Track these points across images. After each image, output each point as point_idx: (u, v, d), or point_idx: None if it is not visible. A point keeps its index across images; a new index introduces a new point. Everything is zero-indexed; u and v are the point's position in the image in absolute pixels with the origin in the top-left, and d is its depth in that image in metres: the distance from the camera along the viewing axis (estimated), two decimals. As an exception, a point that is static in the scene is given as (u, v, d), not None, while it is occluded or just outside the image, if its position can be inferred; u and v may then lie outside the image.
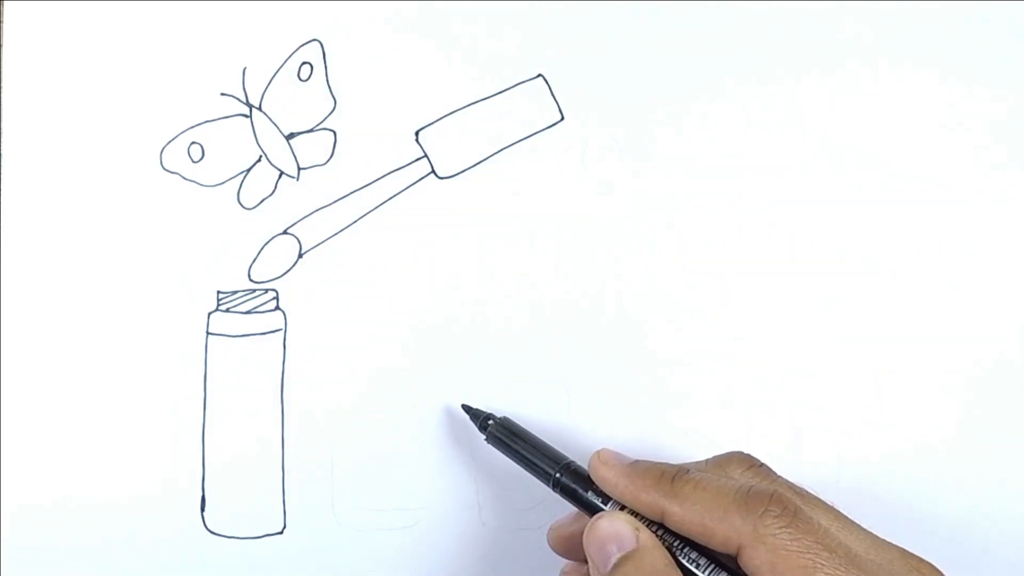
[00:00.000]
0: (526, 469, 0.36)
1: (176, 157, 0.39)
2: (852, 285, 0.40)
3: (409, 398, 0.40)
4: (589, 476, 0.34)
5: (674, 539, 0.31)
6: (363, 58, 0.39)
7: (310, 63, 0.39)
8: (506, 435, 0.37)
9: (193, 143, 0.39)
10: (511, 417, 0.37)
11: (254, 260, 0.39)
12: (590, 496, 0.33)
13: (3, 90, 0.39)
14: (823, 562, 0.29)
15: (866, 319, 0.39)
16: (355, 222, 0.40)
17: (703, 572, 0.31)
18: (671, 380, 0.39)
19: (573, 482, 0.34)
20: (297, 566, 0.40)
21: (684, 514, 0.31)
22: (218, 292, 0.39)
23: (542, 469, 0.35)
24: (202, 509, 0.39)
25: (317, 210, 0.40)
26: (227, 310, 0.39)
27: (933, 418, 0.39)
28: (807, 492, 0.33)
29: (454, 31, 0.39)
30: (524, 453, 0.36)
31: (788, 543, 0.29)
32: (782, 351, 0.39)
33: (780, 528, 0.29)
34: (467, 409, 0.38)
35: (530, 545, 0.40)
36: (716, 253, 0.40)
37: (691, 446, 0.39)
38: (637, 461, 0.33)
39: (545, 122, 0.40)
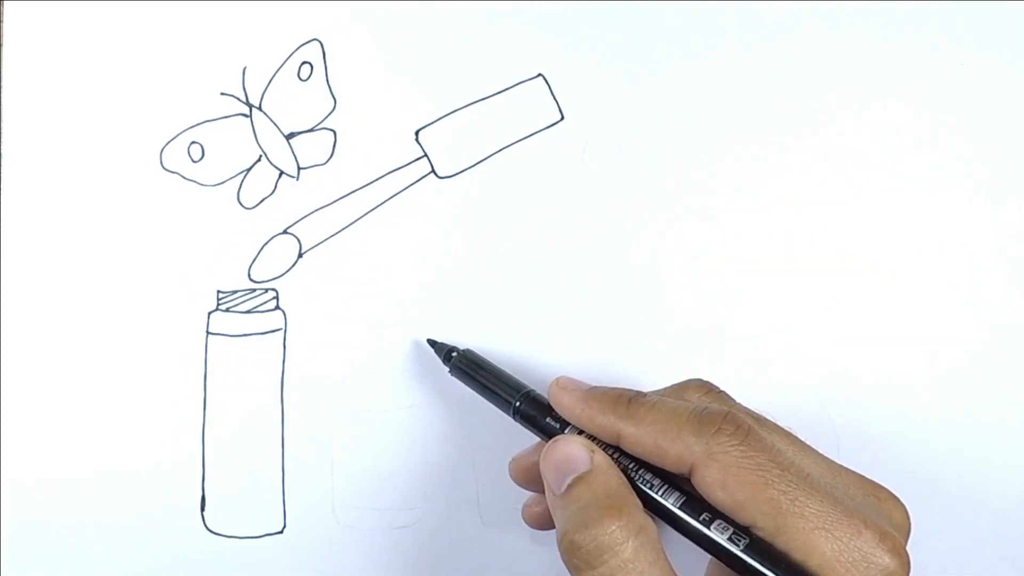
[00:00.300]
0: (488, 399, 0.36)
1: (176, 157, 0.39)
2: (852, 284, 0.40)
3: (409, 398, 0.40)
4: (549, 404, 0.34)
5: (629, 462, 0.31)
6: (363, 58, 0.39)
7: (310, 63, 0.39)
8: (469, 366, 0.37)
9: (193, 143, 0.39)
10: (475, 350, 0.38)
11: (254, 260, 0.39)
12: (548, 422, 0.34)
13: (3, 90, 0.39)
14: (774, 478, 0.29)
15: (866, 318, 0.39)
16: (355, 222, 0.40)
17: (657, 493, 0.31)
18: (671, 379, 0.39)
19: (532, 409, 0.34)
20: (297, 566, 0.40)
21: (638, 435, 0.31)
22: (218, 292, 0.39)
23: (503, 398, 0.35)
24: (202, 509, 0.39)
25: (317, 210, 0.40)
26: (227, 310, 0.39)
27: (932, 415, 0.39)
28: (766, 418, 0.33)
29: (454, 31, 0.39)
30: (486, 383, 0.36)
31: (739, 460, 0.29)
32: (782, 350, 0.39)
33: (732, 446, 0.30)
34: (432, 343, 0.38)
35: (530, 545, 0.40)
36: (716, 253, 0.40)
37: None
38: (595, 387, 0.33)
39: (545, 122, 0.40)
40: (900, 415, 0.39)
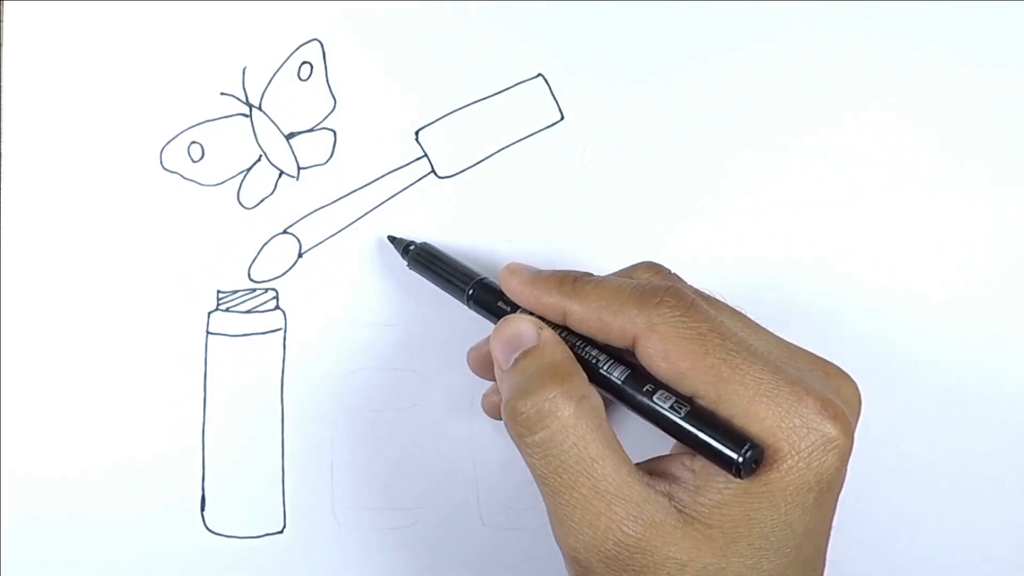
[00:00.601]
0: (444, 289, 0.37)
1: (176, 157, 0.39)
2: (852, 284, 0.40)
3: (409, 398, 0.40)
4: (501, 289, 0.34)
5: (577, 339, 0.32)
6: (363, 58, 0.39)
7: (310, 63, 0.39)
8: (425, 258, 0.37)
9: (193, 143, 0.39)
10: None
11: (254, 260, 0.39)
12: (500, 306, 0.34)
13: (3, 90, 0.39)
14: (714, 347, 0.29)
15: (866, 318, 0.39)
16: (355, 222, 0.40)
17: (602, 367, 0.31)
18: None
19: (485, 294, 0.35)
20: (297, 566, 0.40)
21: (583, 312, 0.31)
22: (218, 292, 0.39)
23: (457, 286, 0.36)
24: (202, 509, 0.39)
25: (317, 210, 0.40)
26: (227, 310, 0.39)
27: (933, 415, 0.39)
28: (715, 297, 0.33)
29: (454, 31, 0.39)
30: (441, 273, 0.37)
31: (680, 330, 0.29)
32: (782, 351, 0.39)
33: (673, 316, 0.30)
34: (391, 239, 0.39)
35: (530, 545, 0.40)
36: (716, 253, 0.40)
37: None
38: (544, 269, 0.34)
39: (545, 122, 0.40)
40: (900, 415, 0.39)
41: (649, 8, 0.39)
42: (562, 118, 0.40)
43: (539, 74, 0.40)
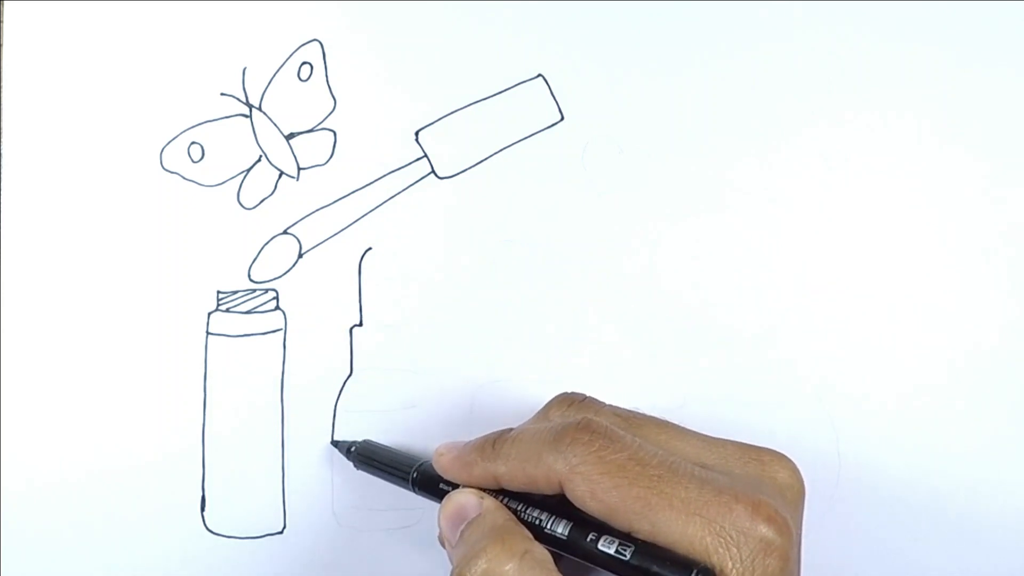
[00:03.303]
0: (392, 482, 0.37)
1: (176, 157, 0.39)
2: (853, 284, 0.40)
3: (409, 398, 0.40)
4: None
5: (517, 504, 0.32)
6: (363, 58, 0.39)
7: (310, 63, 0.39)
8: (367, 455, 0.38)
9: (193, 143, 0.39)
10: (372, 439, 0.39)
11: (254, 260, 0.39)
12: (441, 487, 0.34)
13: (3, 90, 0.39)
14: (635, 476, 0.29)
15: (866, 318, 0.39)
16: (355, 222, 0.40)
17: (546, 525, 0.31)
18: (671, 380, 0.39)
19: (426, 479, 0.35)
20: (297, 566, 0.40)
21: (509, 471, 0.32)
22: (218, 292, 0.39)
23: (400, 476, 0.37)
24: (202, 509, 0.39)
25: (317, 210, 0.40)
26: (227, 310, 0.39)
27: (933, 415, 0.39)
28: (634, 412, 0.33)
29: (454, 31, 0.39)
30: (383, 468, 0.37)
31: (599, 467, 0.29)
32: (782, 350, 0.39)
33: (590, 454, 0.30)
34: (335, 444, 0.39)
35: (530, 545, 0.40)
36: (716, 253, 0.40)
37: (691, 446, 0.39)
38: (470, 440, 0.34)
39: (545, 122, 0.40)
40: (901, 415, 0.39)
41: (649, 8, 0.39)
42: (562, 118, 0.40)
43: (539, 74, 0.40)
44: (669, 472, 0.29)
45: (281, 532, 0.40)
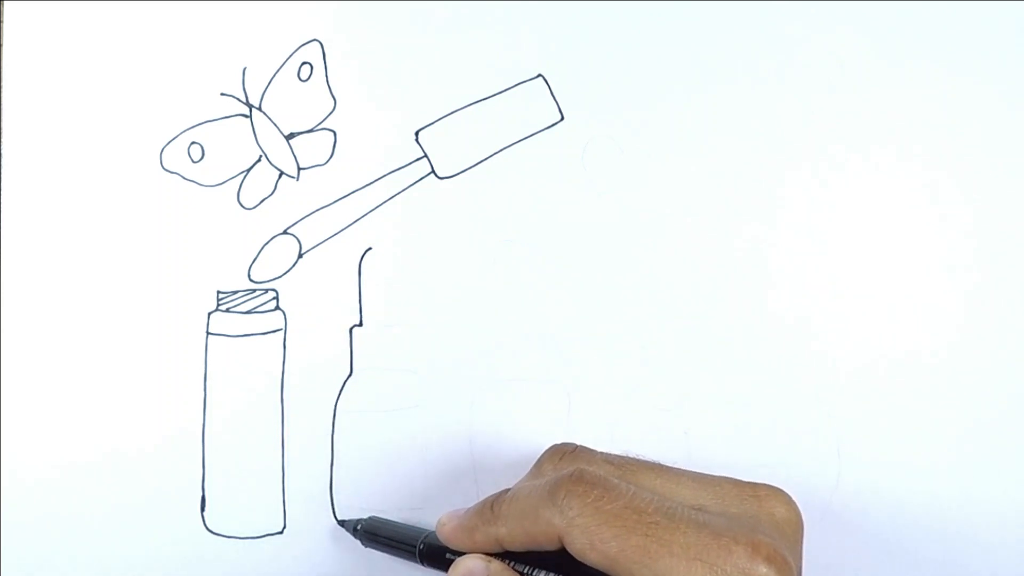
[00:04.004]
0: (398, 556, 0.37)
1: (176, 157, 0.39)
2: (853, 284, 0.39)
3: (409, 398, 0.40)
4: None
5: (524, 566, 0.32)
6: (363, 58, 0.39)
7: (310, 63, 0.39)
8: (372, 532, 0.38)
9: (193, 143, 0.39)
10: (374, 517, 0.39)
11: (254, 260, 0.39)
12: (448, 556, 0.34)
13: (3, 90, 0.39)
14: (633, 524, 0.29)
15: (866, 318, 0.39)
16: (355, 222, 0.40)
17: None
18: (671, 380, 0.39)
19: (432, 551, 0.35)
20: (297, 566, 0.40)
21: (510, 532, 0.32)
22: (218, 292, 0.39)
23: (406, 550, 0.37)
24: (202, 509, 0.39)
25: (317, 210, 0.40)
26: (227, 310, 0.39)
27: (934, 415, 0.39)
28: (626, 457, 0.33)
29: (454, 31, 0.39)
30: (389, 543, 0.37)
31: (596, 518, 0.29)
32: (782, 351, 0.39)
33: (585, 505, 0.29)
34: (341, 523, 0.39)
35: (530, 545, 0.40)
36: (716, 253, 0.40)
37: (691, 446, 0.39)
38: (471, 507, 0.34)
39: (545, 122, 0.40)
40: (901, 415, 0.39)
41: (649, 8, 0.39)
42: (562, 118, 0.40)
43: (539, 74, 0.40)
44: (666, 518, 0.29)
45: (281, 532, 0.40)
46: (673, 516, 0.29)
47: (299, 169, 0.40)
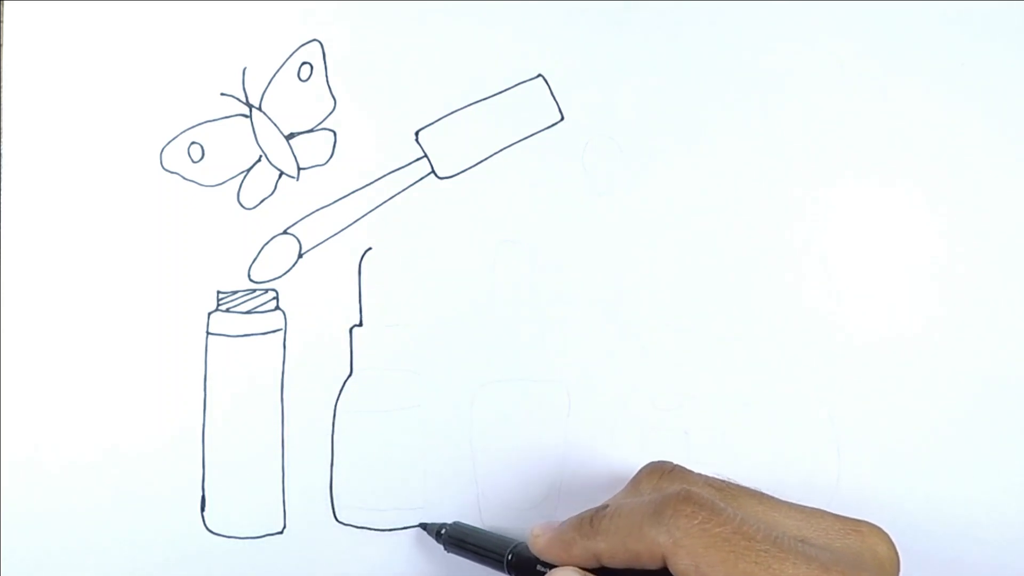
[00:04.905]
0: (483, 564, 0.37)
1: (176, 157, 0.39)
2: (853, 284, 0.40)
3: (409, 398, 0.40)
4: None
5: None
6: (363, 58, 0.39)
7: (310, 63, 0.39)
8: (459, 537, 0.38)
9: (193, 143, 0.39)
10: (463, 521, 0.39)
11: (254, 260, 0.39)
12: (539, 568, 0.34)
13: (3, 90, 0.39)
14: (743, 550, 0.28)
15: (866, 318, 0.39)
16: (355, 222, 0.40)
17: None
18: (671, 380, 0.39)
19: (522, 562, 0.35)
20: (297, 566, 0.40)
21: (610, 547, 0.31)
22: (218, 292, 0.39)
23: (494, 559, 0.36)
24: (202, 509, 0.39)
25: (317, 210, 0.40)
26: (227, 310, 0.39)
27: (934, 416, 0.39)
28: (727, 482, 0.32)
29: (454, 31, 0.39)
30: (477, 550, 0.37)
31: (704, 539, 0.29)
32: (782, 351, 0.39)
33: (694, 526, 0.29)
34: (423, 526, 0.39)
35: (530, 545, 0.40)
36: (716, 253, 0.40)
37: (692, 446, 0.39)
38: (565, 520, 0.33)
39: (545, 122, 0.40)
40: (901, 416, 0.39)
41: (649, 8, 0.39)
42: (562, 118, 0.40)
43: (539, 74, 0.40)
44: (775, 547, 0.29)
45: (281, 532, 0.40)
46: (781, 546, 0.29)
47: (299, 169, 0.40)
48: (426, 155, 0.40)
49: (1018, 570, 0.39)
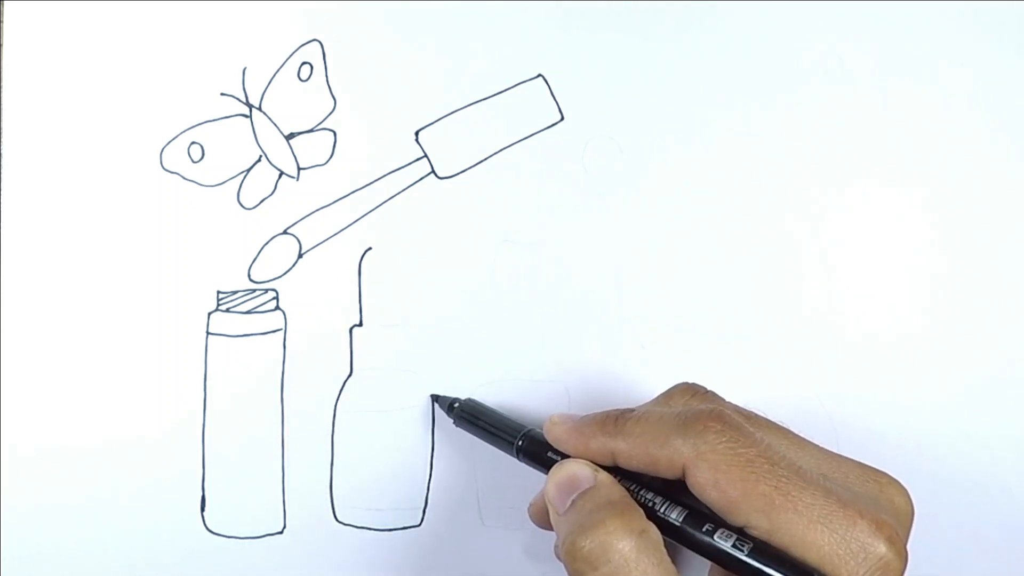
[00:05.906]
0: (491, 443, 0.37)
1: (176, 157, 0.39)
2: (853, 284, 0.40)
3: (409, 398, 0.40)
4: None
5: (631, 483, 0.32)
6: (363, 58, 0.39)
7: (310, 63, 0.39)
8: (471, 414, 0.38)
9: (193, 143, 0.39)
10: (477, 399, 0.39)
11: (254, 260, 0.39)
12: (550, 456, 0.34)
13: (3, 90, 0.39)
14: (765, 473, 0.29)
15: (866, 318, 0.39)
16: (355, 222, 0.40)
17: (660, 509, 0.31)
18: (671, 379, 0.39)
19: (533, 446, 0.35)
20: (297, 566, 0.40)
21: (630, 449, 0.31)
22: (218, 292, 0.39)
23: (505, 439, 0.36)
24: (202, 509, 0.39)
25: (317, 210, 0.40)
26: (227, 310, 0.39)
27: (933, 414, 0.39)
28: (756, 414, 0.33)
29: (454, 31, 0.39)
30: (488, 428, 0.37)
31: (728, 457, 0.29)
32: (782, 350, 0.39)
33: (720, 443, 0.30)
34: (435, 398, 0.39)
35: (530, 545, 0.40)
36: (716, 253, 0.40)
37: (691, 446, 0.39)
38: (586, 415, 0.34)
39: (545, 122, 0.40)
40: (900, 415, 0.39)
41: (649, 8, 0.39)
42: (562, 118, 0.40)
43: (539, 74, 0.40)
44: (797, 476, 0.29)
45: (281, 532, 0.40)
46: (803, 476, 0.29)
47: (299, 169, 0.40)
48: (426, 155, 0.40)
49: (1017, 568, 0.40)
